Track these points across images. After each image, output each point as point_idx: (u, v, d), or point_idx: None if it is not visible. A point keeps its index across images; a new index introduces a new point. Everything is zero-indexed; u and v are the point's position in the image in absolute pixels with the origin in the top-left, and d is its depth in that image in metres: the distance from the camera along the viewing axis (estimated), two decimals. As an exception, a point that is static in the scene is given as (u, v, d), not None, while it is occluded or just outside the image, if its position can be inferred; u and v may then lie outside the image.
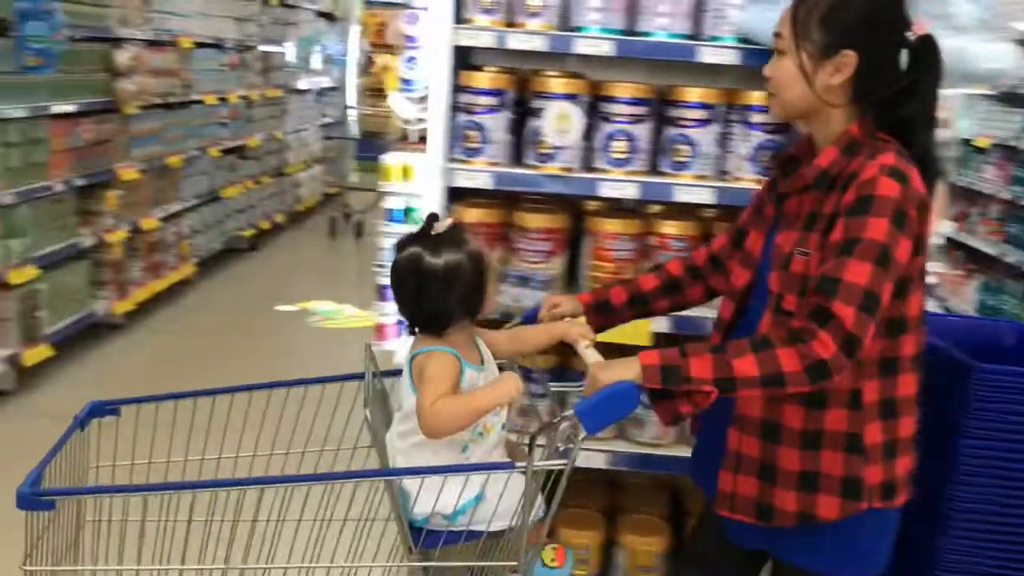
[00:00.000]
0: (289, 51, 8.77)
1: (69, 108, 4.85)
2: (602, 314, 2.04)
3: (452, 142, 2.52)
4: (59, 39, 4.22)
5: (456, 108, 2.50)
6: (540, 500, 1.72)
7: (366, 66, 12.02)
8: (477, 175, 2.45)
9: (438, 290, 1.73)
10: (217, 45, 7.00)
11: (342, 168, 10.21)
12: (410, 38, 3.87)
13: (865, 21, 1.70)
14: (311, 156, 9.72)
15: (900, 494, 1.76)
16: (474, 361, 1.81)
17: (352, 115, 10.74)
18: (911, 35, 1.71)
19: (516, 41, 2.40)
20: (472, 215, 2.50)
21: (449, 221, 1.78)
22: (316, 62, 9.23)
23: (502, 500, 1.68)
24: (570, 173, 2.46)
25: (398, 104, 4.05)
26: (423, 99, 3.58)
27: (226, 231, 7.34)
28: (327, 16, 10.24)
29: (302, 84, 9.28)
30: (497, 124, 2.47)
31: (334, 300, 6.55)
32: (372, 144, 9.50)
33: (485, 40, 2.41)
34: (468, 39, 2.42)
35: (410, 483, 1.74)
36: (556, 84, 2.44)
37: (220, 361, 5.18)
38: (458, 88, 2.50)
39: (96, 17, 5.08)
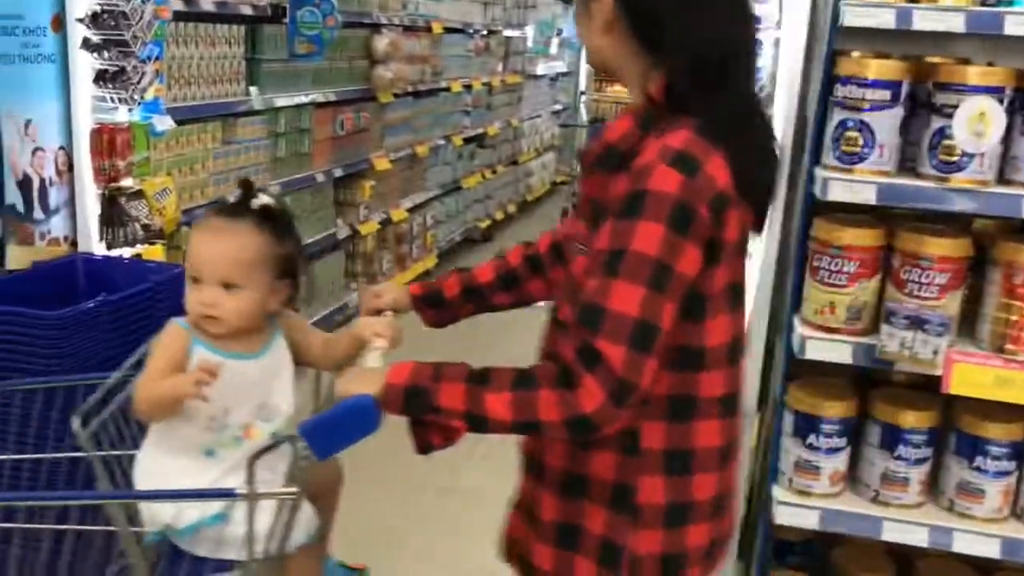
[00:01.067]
0: (529, 35, 8.51)
1: (331, 96, 4.74)
2: (436, 308, 1.79)
3: (818, 145, 2.06)
4: (331, 24, 4.06)
5: (831, 104, 2.03)
6: (307, 525, 1.58)
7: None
8: (859, 187, 1.97)
9: None
10: (464, 30, 6.81)
11: (570, 157, 9.90)
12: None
13: None
14: (543, 144, 9.46)
15: (689, 574, 1.41)
16: (244, 349, 1.62)
17: (583, 101, 10.40)
18: None
19: (927, 21, 1.89)
20: (848, 236, 2.02)
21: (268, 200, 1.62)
22: (554, 47, 8.92)
23: (256, 524, 1.42)
24: (984, 187, 1.94)
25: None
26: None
27: (465, 221, 7.18)
28: (564, -1, 9.93)
29: (540, 69, 9.01)
30: (888, 124, 1.98)
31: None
32: (607, 132, 9.14)
33: (884, 19, 1.92)
34: (860, 18, 1.93)
35: (139, 482, 1.61)
36: (975, 74, 1.91)
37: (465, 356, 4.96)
38: (833, 79, 2.03)
39: (359, 2, 4.95)
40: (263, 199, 1.63)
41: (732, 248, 1.35)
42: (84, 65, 2.76)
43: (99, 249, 2.87)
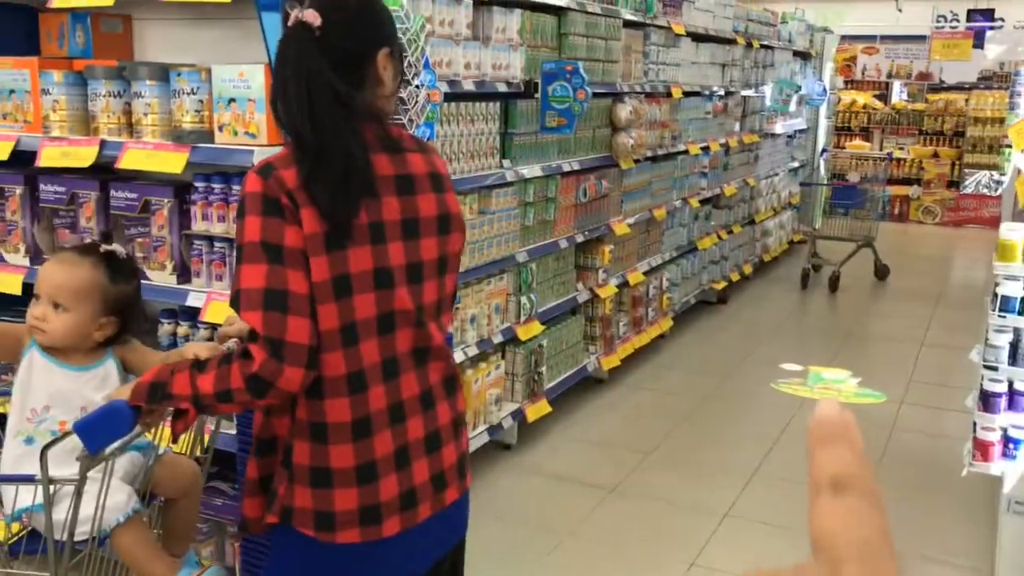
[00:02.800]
0: (767, 94, 8.37)
1: (575, 166, 4.87)
2: None
3: None
4: (581, 98, 4.19)
5: None
6: (127, 502, 1.94)
7: (834, 105, 11.34)
8: None
9: None
10: (703, 93, 6.81)
11: (809, 215, 9.57)
12: None
13: None
14: (780, 202, 9.22)
15: (335, 529, 1.65)
16: (72, 363, 2.01)
17: (824, 158, 10.07)
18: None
19: None
20: None
21: (114, 248, 2.06)
22: (792, 104, 8.72)
23: (72, 510, 1.81)
24: None
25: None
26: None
27: (700, 283, 7.10)
28: (802, 55, 9.70)
29: (777, 128, 8.83)
30: None
31: (805, 363, 5.97)
32: (849, 191, 8.77)
33: None
34: None
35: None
36: None
37: (691, 423, 4.87)
38: None
39: (603, 73, 5.08)
40: (112, 247, 2.04)
41: (321, 242, 1.61)
42: (365, 148, 3.01)
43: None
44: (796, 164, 9.87)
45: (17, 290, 3.09)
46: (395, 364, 1.69)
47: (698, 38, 6.58)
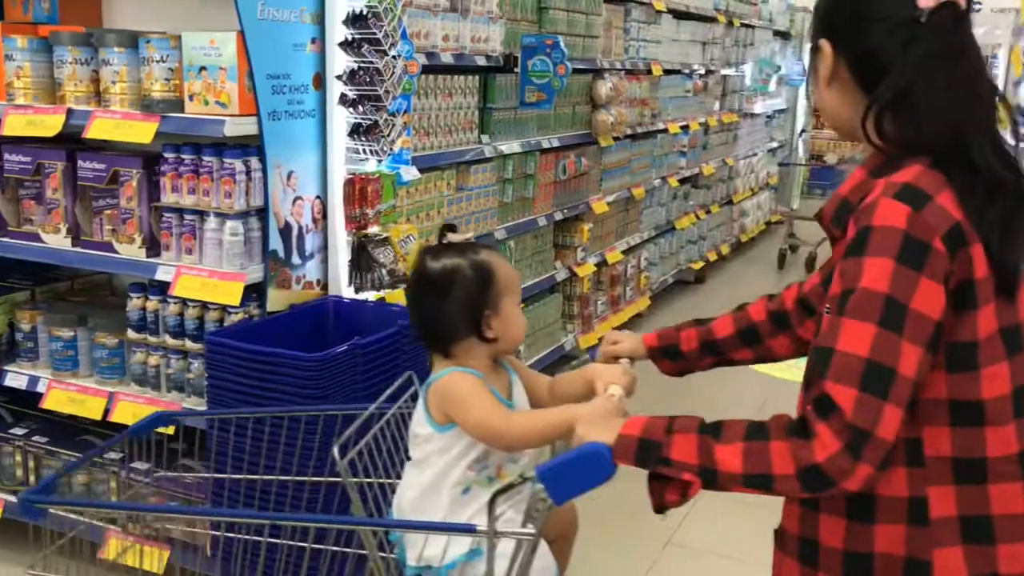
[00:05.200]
0: (747, 73, 8.34)
1: (555, 142, 4.82)
2: (672, 360, 1.78)
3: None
4: (561, 73, 4.13)
5: None
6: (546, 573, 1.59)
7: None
8: None
9: (436, 296, 1.64)
10: (683, 71, 6.76)
11: (787, 196, 9.58)
12: None
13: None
14: (758, 183, 9.21)
15: None
16: (502, 394, 1.67)
17: (803, 139, 10.06)
18: (919, 9, 1.27)
19: None
20: None
21: (468, 235, 1.69)
22: (772, 84, 8.70)
23: (499, 562, 1.43)
24: None
25: None
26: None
27: (678, 263, 7.09)
28: (783, 35, 9.67)
29: (757, 108, 8.81)
30: None
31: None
32: (827, 172, 8.77)
33: None
34: None
35: (404, 513, 1.67)
36: None
37: (673, 401, 4.85)
38: None
39: (583, 48, 5.02)
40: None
41: (991, 286, 1.24)
42: (340, 119, 2.94)
43: (347, 292, 3.02)
44: (775, 144, 9.87)
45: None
46: None
47: (679, 15, 6.53)
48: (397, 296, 3.17)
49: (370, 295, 3.06)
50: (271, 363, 2.46)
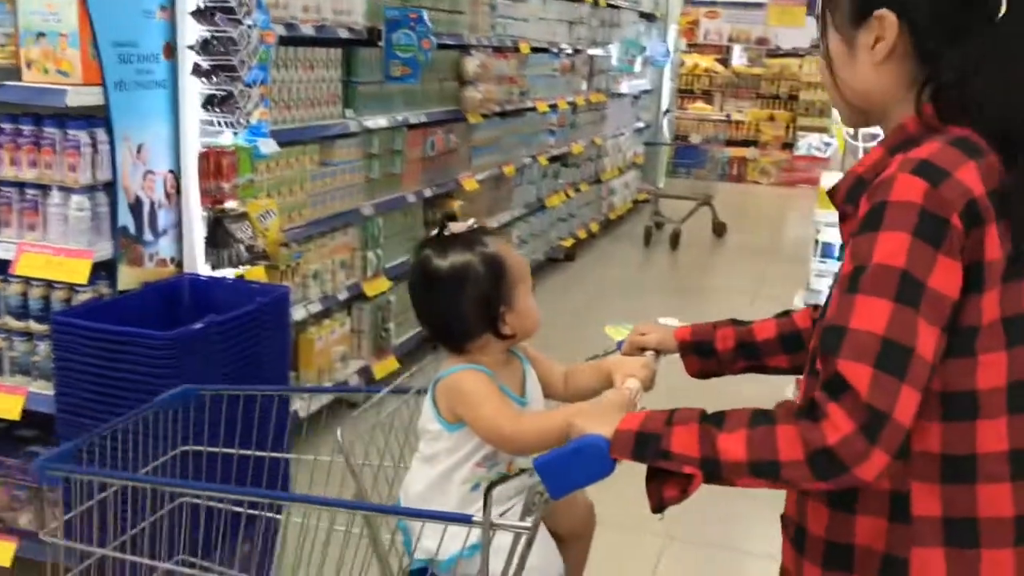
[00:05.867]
0: (613, 53, 8.49)
1: (422, 118, 4.79)
2: (703, 358, 1.66)
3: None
4: (426, 47, 4.11)
5: None
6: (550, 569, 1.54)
7: (678, 67, 11.64)
8: None
9: (447, 296, 1.55)
10: (550, 50, 6.82)
11: (653, 174, 9.83)
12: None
13: None
14: (625, 162, 9.41)
15: None
16: (513, 390, 1.60)
17: (668, 119, 10.33)
18: None
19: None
20: None
21: (470, 222, 1.60)
22: (638, 64, 8.88)
23: (518, 562, 1.37)
24: None
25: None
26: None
27: (549, 240, 7.17)
28: (648, 17, 9.88)
29: (623, 88, 8.98)
30: None
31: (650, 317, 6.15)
32: (691, 151, 9.04)
33: None
34: None
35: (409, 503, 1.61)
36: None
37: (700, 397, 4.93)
38: None
39: (449, 24, 5.00)
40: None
41: (999, 270, 1.16)
42: (193, 90, 2.84)
43: (204, 270, 2.93)
44: (641, 124, 10.10)
45: None
46: None
47: (546, -6, 6.58)
48: (257, 273, 3.09)
49: (228, 272, 2.98)
50: (122, 343, 2.37)
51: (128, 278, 2.73)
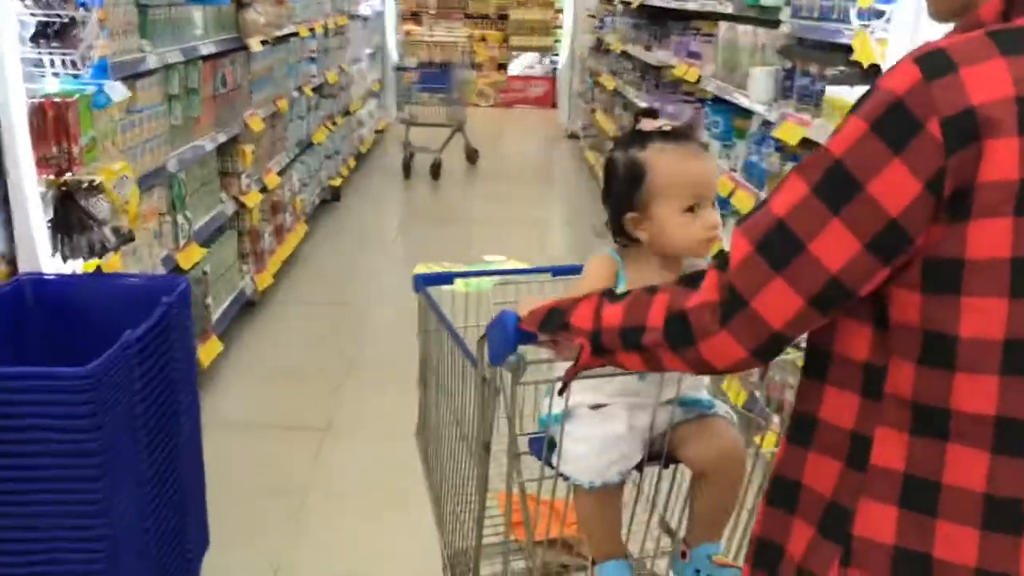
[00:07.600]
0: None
1: (212, 48, 3.98)
2: None
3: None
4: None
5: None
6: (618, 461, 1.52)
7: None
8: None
9: (605, 186, 1.60)
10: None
11: (393, 102, 9.28)
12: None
13: None
14: (367, 91, 8.80)
15: None
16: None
17: (393, 42, 9.79)
18: None
19: None
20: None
21: (661, 123, 1.54)
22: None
23: (577, 440, 1.50)
24: None
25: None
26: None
27: (320, 182, 6.51)
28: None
29: (362, 9, 8.32)
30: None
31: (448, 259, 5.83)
32: (438, 76, 8.62)
33: None
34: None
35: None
36: None
37: (372, 333, 4.47)
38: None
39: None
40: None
41: (1008, 197, 0.94)
42: (10, 18, 2.01)
43: (49, 266, 2.15)
44: (371, 50, 9.48)
45: None
46: None
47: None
48: (112, 264, 2.35)
49: (78, 265, 2.22)
50: (13, 390, 1.63)
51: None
